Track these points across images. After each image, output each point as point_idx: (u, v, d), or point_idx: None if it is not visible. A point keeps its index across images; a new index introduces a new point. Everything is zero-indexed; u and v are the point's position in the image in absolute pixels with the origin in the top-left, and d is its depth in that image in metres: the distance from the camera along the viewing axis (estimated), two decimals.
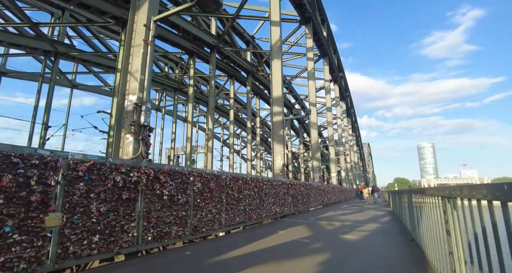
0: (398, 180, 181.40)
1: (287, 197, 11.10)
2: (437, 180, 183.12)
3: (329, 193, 19.79)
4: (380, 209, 15.96)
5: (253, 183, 8.36)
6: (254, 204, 8.31)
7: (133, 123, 5.83)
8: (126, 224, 4.30)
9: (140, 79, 5.97)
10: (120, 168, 4.24)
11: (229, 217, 6.97)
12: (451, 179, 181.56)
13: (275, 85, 12.58)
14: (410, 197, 6.04)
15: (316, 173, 18.50)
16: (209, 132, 24.21)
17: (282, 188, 10.68)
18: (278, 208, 10.14)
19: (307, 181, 23.92)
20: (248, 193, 8.05)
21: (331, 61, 30.24)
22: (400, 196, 9.28)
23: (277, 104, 12.35)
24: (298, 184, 12.60)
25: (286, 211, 10.88)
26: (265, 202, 9.10)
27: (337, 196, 23.53)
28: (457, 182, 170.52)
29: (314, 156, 18.77)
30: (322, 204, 17.76)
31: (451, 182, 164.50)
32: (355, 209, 15.49)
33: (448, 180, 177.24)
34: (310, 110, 12.01)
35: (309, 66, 20.53)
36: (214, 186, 6.38)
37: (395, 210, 11.95)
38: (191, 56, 26.60)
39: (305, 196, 13.65)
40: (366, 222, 9.50)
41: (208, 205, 6.16)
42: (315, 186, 16.06)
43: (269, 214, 9.29)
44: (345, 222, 9.49)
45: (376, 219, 10.53)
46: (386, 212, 13.63)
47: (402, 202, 8.61)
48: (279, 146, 11.92)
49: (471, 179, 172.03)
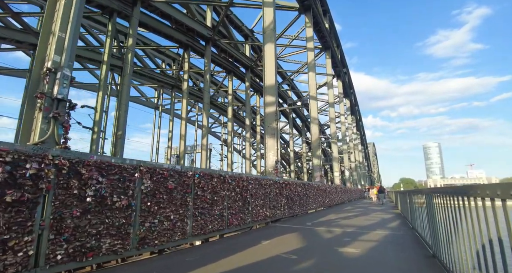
0: (404, 180, 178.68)
1: (280, 199, 9.63)
2: (443, 180, 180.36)
3: (331, 193, 18.26)
4: (387, 211, 14.41)
5: (235, 182, 6.91)
6: (235, 208, 6.86)
7: (41, 95, 4.30)
8: (13, 239, 2.88)
9: (59, 37, 4.54)
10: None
11: (198, 225, 5.53)
12: (458, 179, 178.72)
13: (268, 72, 11.14)
14: (429, 198, 4.58)
15: (316, 172, 17.01)
16: (204, 129, 22.84)
17: (274, 188, 9.21)
18: (269, 211, 8.68)
19: (306, 181, 22.31)
20: (227, 194, 6.60)
21: (333, 55, 28.69)
22: (411, 197, 7.78)
23: (270, 93, 10.90)
24: (295, 184, 11.12)
25: (279, 214, 9.41)
26: (251, 205, 7.65)
27: (340, 197, 21.97)
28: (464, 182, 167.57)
29: (314, 153, 17.28)
30: (323, 206, 16.25)
31: (458, 183, 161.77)
32: (359, 212, 13.97)
33: (455, 181, 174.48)
34: (306, 98, 10.53)
35: (309, 57, 19.04)
36: (174, 186, 4.95)
37: (405, 213, 10.42)
38: (186, 50, 25.28)
39: (302, 197, 12.16)
40: (371, 228, 8.00)
41: (165, 209, 4.72)
42: (315, 186, 14.56)
43: (256, 218, 7.84)
44: (347, 228, 8.00)
45: (383, 224, 9.02)
46: (394, 215, 12.10)
47: (415, 204, 7.11)
48: (272, 140, 10.47)
49: (478, 179, 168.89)
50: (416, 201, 6.83)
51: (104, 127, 19.50)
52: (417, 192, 6.75)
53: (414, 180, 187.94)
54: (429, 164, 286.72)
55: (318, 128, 17.97)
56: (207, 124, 22.37)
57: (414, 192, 7.33)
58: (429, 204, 4.60)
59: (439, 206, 3.79)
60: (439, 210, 3.83)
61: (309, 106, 18.21)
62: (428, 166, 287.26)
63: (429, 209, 4.73)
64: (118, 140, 16.02)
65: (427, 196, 4.77)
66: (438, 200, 3.91)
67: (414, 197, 7.24)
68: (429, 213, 4.71)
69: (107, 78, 17.70)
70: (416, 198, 6.99)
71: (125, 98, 16.60)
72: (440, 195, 3.75)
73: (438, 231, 3.93)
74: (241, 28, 28.45)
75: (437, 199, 4.03)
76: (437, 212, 3.98)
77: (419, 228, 6.34)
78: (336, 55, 30.24)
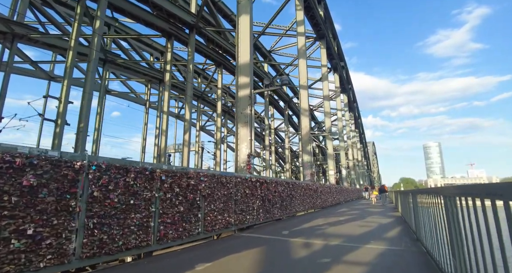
0: (404, 180, 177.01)
1: (252, 201, 7.75)
2: (444, 180, 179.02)
3: (323, 194, 16.38)
4: (386, 214, 12.54)
5: (172, 180, 5.04)
6: (172, 215, 4.98)
7: None
8: None
9: None
10: None
11: (95, 241, 3.65)
12: (459, 179, 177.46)
13: (242, 49, 9.26)
14: (452, 203, 2.73)
15: (306, 169, 15.13)
16: (186, 123, 20.98)
17: (243, 188, 7.33)
18: (233, 217, 6.80)
19: (292, 179, 20.13)
20: (158, 196, 4.74)
21: (329, 46, 26.82)
22: (415, 199, 5.92)
23: (245, 73, 9.03)
24: (274, 182, 9.24)
25: (250, 220, 7.53)
26: (203, 210, 5.77)
27: (335, 198, 20.09)
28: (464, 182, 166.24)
29: (304, 148, 15.42)
30: (314, 208, 14.38)
31: (458, 182, 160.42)
32: (353, 214, 12.09)
33: (455, 180, 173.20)
34: (286, 78, 8.70)
35: (299, 42, 17.16)
36: (40, 182, 3.09)
37: (406, 217, 8.57)
38: (169, 39, 23.39)
39: (285, 199, 10.28)
40: (364, 239, 6.12)
41: (14, 219, 2.85)
42: (303, 185, 12.68)
43: (211, 228, 5.95)
44: (331, 239, 6.12)
45: (380, 232, 7.15)
46: (393, 219, 10.23)
47: (420, 207, 5.26)
48: (245, 129, 8.60)
49: (479, 178, 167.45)
50: (422, 204, 4.98)
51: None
52: (424, 193, 4.88)
53: (415, 180, 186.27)
54: (430, 164, 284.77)
55: (309, 120, 16.11)
56: (189, 118, 20.52)
57: (420, 192, 5.44)
58: (452, 213, 2.73)
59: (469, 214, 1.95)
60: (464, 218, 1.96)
61: (300, 96, 16.35)
62: (428, 166, 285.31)
63: (449, 218, 2.88)
64: (80, 134, 14.15)
65: (447, 200, 2.88)
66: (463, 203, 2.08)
67: (419, 199, 5.38)
68: (449, 224, 2.86)
69: (73, 66, 15.85)
70: (421, 199, 5.13)
71: (89, 87, 14.73)
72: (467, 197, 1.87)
73: (462, 254, 2.08)
74: (231, 17, 26.60)
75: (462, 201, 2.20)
76: (454, 225, 2.12)
77: (428, 241, 4.49)
78: (332, 46, 28.35)
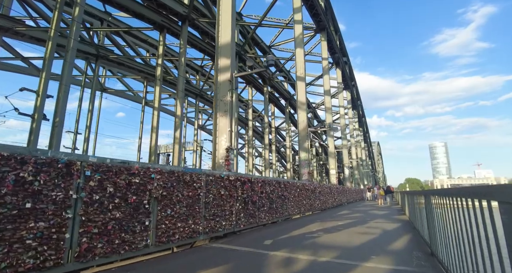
0: (410, 180, 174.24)
1: (231, 203, 6.46)
2: (450, 181, 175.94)
3: (323, 194, 15.02)
4: (391, 217, 11.17)
5: (100, 177, 3.78)
6: (101, 223, 3.71)
7: None
8: None
9: None
10: None
11: None
12: (465, 179, 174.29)
13: (223, 26, 7.97)
14: None
15: (304, 168, 13.79)
16: (177, 119, 19.77)
17: (217, 187, 6.05)
18: (203, 223, 5.52)
19: (285, 178, 18.49)
20: (77, 198, 3.48)
21: (330, 38, 25.43)
22: (430, 203, 4.59)
23: (225, 54, 7.74)
24: (261, 181, 7.94)
25: (226, 227, 6.24)
26: (153, 216, 4.50)
27: (336, 199, 18.70)
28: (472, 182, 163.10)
29: (302, 145, 14.09)
30: (311, 210, 13.05)
31: (465, 183, 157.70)
32: (354, 218, 10.74)
33: (462, 181, 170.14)
34: (271, 58, 7.46)
35: (296, 30, 15.84)
36: None
37: (416, 223, 7.22)
38: (161, 32, 22.27)
39: (276, 200, 8.97)
40: (363, 253, 4.80)
41: None
42: (298, 185, 11.34)
43: (166, 238, 4.65)
44: (322, 253, 4.80)
45: (384, 243, 5.80)
46: (400, 224, 8.85)
47: (438, 213, 3.94)
48: (224, 120, 7.32)
49: (486, 179, 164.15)
50: (439, 208, 3.66)
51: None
52: (444, 194, 3.53)
53: (420, 181, 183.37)
54: (436, 164, 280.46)
55: (307, 115, 14.77)
56: (180, 114, 19.29)
57: (437, 193, 4.08)
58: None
59: None
60: None
61: (297, 88, 15.03)
62: (434, 166, 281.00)
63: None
64: (55, 129, 13.00)
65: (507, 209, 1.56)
66: None
67: (434, 201, 4.05)
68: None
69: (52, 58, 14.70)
70: (438, 202, 3.80)
71: (66, 78, 13.58)
72: None
73: None
74: None
75: None
76: None
77: (449, 258, 3.19)
78: (333, 39, 26.95)
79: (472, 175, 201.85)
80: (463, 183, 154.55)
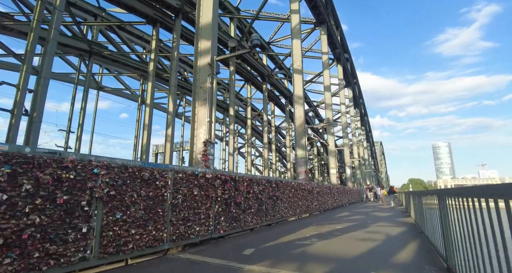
0: (413, 180, 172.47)
1: (207, 205, 5.53)
2: (454, 181, 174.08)
3: (321, 195, 14.04)
4: (395, 220, 10.18)
5: (15, 171, 2.87)
6: (11, 231, 2.79)
7: None
8: None
9: None
10: None
11: None
12: (470, 180, 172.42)
13: (205, 4, 7.04)
14: None
15: (300, 166, 12.83)
16: (169, 116, 18.90)
17: (188, 186, 5.12)
18: (168, 229, 4.59)
19: (276, 177, 16.92)
20: None
21: (330, 32, 24.44)
22: (444, 204, 3.64)
23: (205, 36, 6.82)
24: (247, 180, 7.00)
25: (201, 232, 5.31)
26: (97, 221, 3.56)
27: (337, 199, 17.71)
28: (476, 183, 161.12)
29: (298, 142, 13.13)
30: (308, 211, 12.08)
31: (469, 183, 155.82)
32: (355, 221, 9.76)
33: (466, 181, 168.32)
34: (256, 37, 6.59)
35: (293, 21, 14.89)
36: None
37: (423, 226, 6.24)
38: (155, 26, 21.43)
39: (266, 202, 8.02)
40: (362, 269, 3.85)
41: None
42: (292, 184, 10.38)
43: (114, 249, 3.72)
44: (311, 268, 3.85)
45: (387, 253, 4.84)
46: (405, 228, 7.87)
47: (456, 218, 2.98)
48: (203, 109, 6.39)
49: (491, 179, 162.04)
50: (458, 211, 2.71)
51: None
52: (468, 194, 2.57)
53: (424, 181, 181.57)
54: (439, 164, 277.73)
55: (304, 109, 13.81)
56: (172, 110, 18.40)
57: (458, 194, 3.09)
58: None
59: None
60: None
61: (293, 81, 14.08)
62: (438, 166, 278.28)
63: None
64: (32, 125, 12.15)
65: None
66: None
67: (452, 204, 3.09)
68: None
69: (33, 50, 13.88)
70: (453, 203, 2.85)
71: (46, 71, 12.73)
72: None
73: None
74: (224, 4, 24.39)
75: None
76: None
77: None
78: (333, 33, 25.95)
79: (476, 175, 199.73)
80: (467, 184, 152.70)
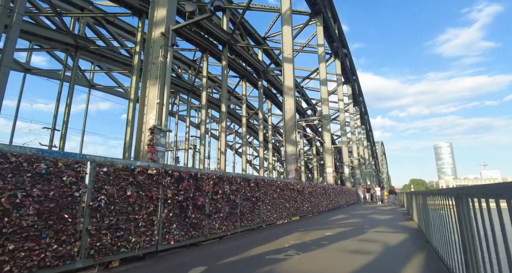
0: (414, 181, 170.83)
1: (148, 209, 4.27)
2: (456, 181, 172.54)
3: (314, 196, 12.76)
4: (396, 224, 8.90)
5: None
6: None
7: None
8: None
9: None
10: None
11: None
12: (472, 180, 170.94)
13: None
14: None
15: (290, 164, 11.57)
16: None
17: (118, 185, 3.87)
18: (84, 241, 3.35)
19: (257, 175, 15.26)
20: None
21: (327, 24, 23.21)
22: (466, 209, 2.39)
23: (162, 3, 5.57)
24: (216, 178, 5.75)
25: (141, 244, 4.05)
26: None
27: (333, 200, 16.42)
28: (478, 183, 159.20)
29: (288, 137, 11.88)
30: (298, 214, 10.79)
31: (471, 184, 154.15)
32: (349, 226, 8.48)
33: (468, 181, 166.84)
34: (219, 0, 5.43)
35: (283, 5, 13.66)
36: None
37: (428, 234, 4.96)
38: (141, 17, 20.27)
39: (241, 204, 6.75)
40: None
41: None
42: (278, 183, 9.10)
43: None
44: None
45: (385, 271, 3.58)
46: (407, 235, 6.58)
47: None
48: (155, 90, 5.12)
49: (493, 180, 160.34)
50: None
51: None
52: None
53: (425, 181, 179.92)
54: (441, 165, 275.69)
55: (295, 102, 12.56)
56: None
57: (486, 193, 1.85)
58: None
59: None
60: None
61: (283, 71, 12.84)
62: (439, 167, 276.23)
63: None
64: None
65: None
66: None
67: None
68: None
69: None
70: None
71: (7, 59, 11.48)
72: None
73: None
74: None
75: None
76: None
77: None
78: (331, 26, 24.71)
79: (478, 175, 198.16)
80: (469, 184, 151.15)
